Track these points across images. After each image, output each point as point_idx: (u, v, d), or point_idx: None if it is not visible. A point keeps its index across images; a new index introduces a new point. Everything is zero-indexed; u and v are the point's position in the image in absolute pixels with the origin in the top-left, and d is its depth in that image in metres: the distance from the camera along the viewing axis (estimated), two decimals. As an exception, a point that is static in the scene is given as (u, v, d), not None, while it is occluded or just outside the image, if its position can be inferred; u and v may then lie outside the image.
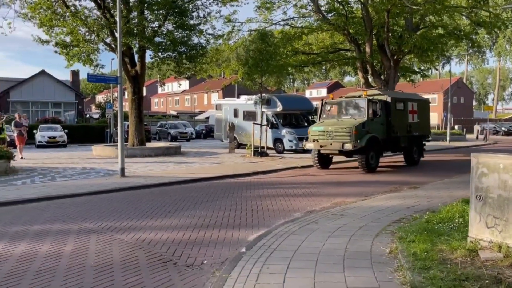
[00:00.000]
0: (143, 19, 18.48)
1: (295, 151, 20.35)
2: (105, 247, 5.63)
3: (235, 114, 23.93)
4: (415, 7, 18.94)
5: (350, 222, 6.63)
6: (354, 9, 23.49)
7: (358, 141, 13.26)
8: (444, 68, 64.23)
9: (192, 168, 14.79)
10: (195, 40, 20.62)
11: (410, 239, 5.23)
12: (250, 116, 22.41)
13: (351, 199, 8.89)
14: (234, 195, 9.66)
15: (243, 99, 24.13)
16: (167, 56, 20.16)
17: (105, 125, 31.02)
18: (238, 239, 6.04)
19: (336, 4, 22.61)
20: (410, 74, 26.60)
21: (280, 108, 21.24)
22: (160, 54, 19.73)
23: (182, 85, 59.20)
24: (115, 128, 26.89)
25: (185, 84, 68.65)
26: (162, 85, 27.03)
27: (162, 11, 18.92)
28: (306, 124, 21.44)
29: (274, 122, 21.01)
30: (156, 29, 19.62)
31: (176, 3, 18.89)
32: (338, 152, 14.01)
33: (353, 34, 22.40)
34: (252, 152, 18.49)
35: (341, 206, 8.12)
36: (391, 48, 21.84)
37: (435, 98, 62.25)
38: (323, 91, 74.67)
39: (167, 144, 23.70)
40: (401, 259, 4.60)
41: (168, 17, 19.37)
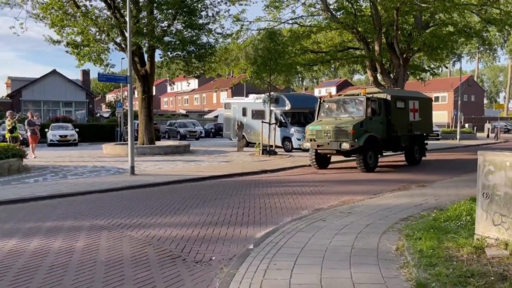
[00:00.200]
0: (153, 19, 18.64)
1: (304, 149, 20.34)
2: (115, 244, 5.74)
3: (244, 113, 24.02)
4: (424, 4, 18.85)
5: (358, 220, 6.67)
6: (363, 7, 23.43)
7: (356, 140, 12.89)
8: (454, 66, 63.69)
9: (201, 166, 14.91)
10: (204, 39, 20.72)
11: (417, 237, 5.26)
12: (258, 114, 22.47)
13: (359, 197, 8.92)
14: (242, 193, 9.74)
15: (251, 98, 24.20)
16: (176, 56, 20.28)
17: (115, 124, 31.30)
18: (246, 236, 6.11)
19: (344, 2, 22.57)
20: (420, 72, 26.46)
21: (288, 107, 21.27)
22: (169, 53, 19.85)
23: (191, 84, 59.44)
24: (125, 127, 27.14)
25: (194, 83, 68.95)
26: (172, 84, 27.33)
27: (171, 10, 19.05)
28: (315, 122, 21.42)
29: (283, 121, 21.04)
30: (165, 28, 19.76)
31: (185, 3, 19.01)
32: (335, 152, 13.65)
33: (362, 33, 22.34)
34: (261, 150, 18.55)
35: (348, 204, 8.16)
36: (400, 46, 21.74)
37: (445, 97, 61.84)
38: (332, 90, 74.40)
39: (176, 143, 23.86)
40: (407, 256, 4.64)
41: (177, 16, 19.49)
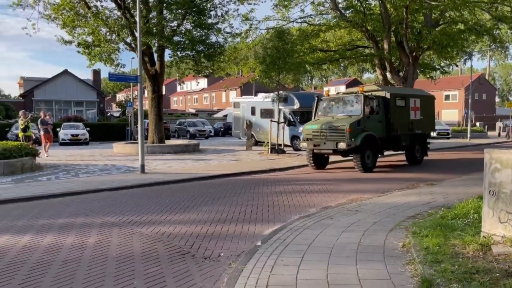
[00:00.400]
0: (162, 19, 18.80)
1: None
2: (126, 240, 5.86)
3: (253, 112, 24.10)
4: (434, 2, 18.77)
5: (365, 218, 6.71)
6: (372, 5, 23.38)
7: (353, 139, 12.57)
8: (465, 64, 62.99)
9: (210, 165, 15.03)
10: (213, 38, 20.85)
11: (424, 234, 5.30)
12: (267, 113, 22.53)
13: (367, 196, 8.95)
14: (251, 191, 9.83)
15: (260, 97, 24.27)
16: (186, 55, 20.43)
17: (125, 123, 31.61)
18: (254, 233, 6.19)
19: (353, 1, 22.56)
20: (430, 70, 26.30)
21: (297, 106, 21.30)
22: (178, 53, 20.02)
23: (200, 83, 59.78)
24: (135, 126, 27.40)
25: (203, 83, 69.16)
26: (181, 83, 27.50)
27: (180, 10, 19.20)
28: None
29: (291, 120, 21.08)
30: (175, 28, 19.91)
31: (194, 3, 19.13)
32: (332, 151, 13.33)
33: (371, 31, 22.29)
34: (269, 149, 18.63)
35: (356, 202, 8.19)
36: (410, 45, 21.65)
37: (456, 95, 61.25)
38: (342, 88, 74.07)
39: (186, 142, 24.04)
40: (413, 253, 4.68)
41: (187, 16, 19.63)
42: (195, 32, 20.05)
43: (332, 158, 15.11)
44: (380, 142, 13.46)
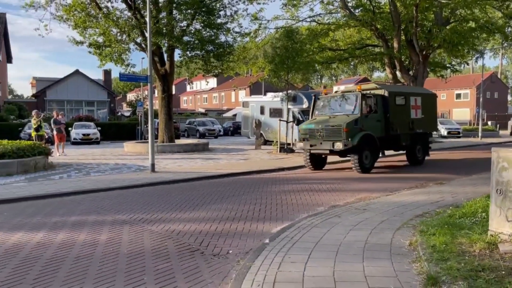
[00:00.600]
0: (172, 19, 18.94)
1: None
2: (137, 237, 5.98)
3: (262, 111, 24.17)
4: (444, 0, 18.66)
5: (373, 217, 6.75)
6: (382, 4, 23.29)
7: (350, 139, 12.19)
8: (477, 62, 62.28)
9: (219, 164, 15.13)
10: (222, 38, 20.93)
11: (431, 233, 5.32)
12: (276, 113, 22.59)
13: (376, 195, 8.96)
14: (260, 190, 9.90)
15: (269, 96, 24.34)
16: (195, 55, 20.55)
17: (136, 122, 31.89)
18: (262, 231, 6.27)
19: (363, -1, 22.47)
20: (440, 69, 26.11)
21: (306, 105, 21.29)
22: (188, 53, 20.13)
23: (209, 83, 60.08)
24: (145, 126, 27.66)
25: (213, 82, 69.41)
26: (190, 83, 27.62)
27: (190, 10, 19.32)
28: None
29: (300, 119, 21.08)
30: (184, 28, 20.04)
31: (203, 3, 19.25)
32: (328, 152, 12.92)
33: (380, 30, 22.22)
34: (278, 148, 18.69)
35: (364, 201, 8.22)
36: (420, 43, 21.54)
37: (467, 94, 60.65)
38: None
39: (195, 141, 24.20)
40: (419, 251, 4.72)
41: (196, 16, 19.75)
42: (204, 32, 20.16)
43: (334, 159, 14.81)
44: (378, 142, 13.03)
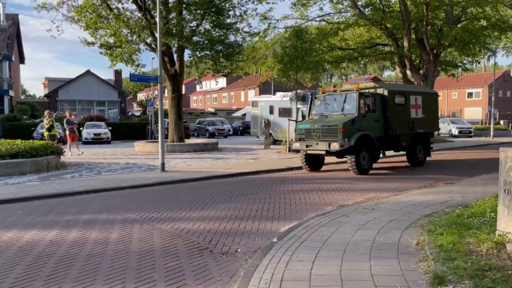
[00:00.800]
0: (182, 19, 19.06)
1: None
2: (147, 235, 6.08)
3: (271, 111, 24.22)
4: (455, -1, 18.52)
5: (381, 216, 6.76)
6: (392, 3, 23.21)
7: (346, 140, 11.87)
8: (489, 61, 61.58)
9: (228, 163, 15.22)
10: (232, 38, 21.00)
11: (439, 232, 5.33)
12: (285, 112, 22.62)
13: (384, 194, 8.96)
14: (268, 189, 9.96)
15: (278, 96, 24.39)
16: (205, 55, 20.64)
17: (146, 122, 32.16)
18: (271, 230, 6.32)
19: (373, -2, 22.38)
20: (451, 68, 25.91)
21: (315, 105, 21.28)
22: (198, 53, 20.26)
23: (219, 82, 60.37)
24: (155, 125, 27.87)
25: (222, 82, 69.67)
26: (200, 83, 27.81)
27: (199, 11, 19.42)
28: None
29: (310, 118, 21.08)
30: (194, 28, 20.16)
31: (213, 3, 19.34)
32: (325, 152, 12.60)
33: (390, 29, 22.13)
34: (287, 148, 18.71)
35: (373, 201, 8.22)
36: (431, 42, 21.41)
37: (479, 93, 60.04)
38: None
39: (205, 141, 24.34)
40: (426, 250, 4.73)
41: (206, 16, 19.85)
42: (214, 32, 20.26)
43: (334, 159, 14.46)
44: (377, 142, 12.70)
